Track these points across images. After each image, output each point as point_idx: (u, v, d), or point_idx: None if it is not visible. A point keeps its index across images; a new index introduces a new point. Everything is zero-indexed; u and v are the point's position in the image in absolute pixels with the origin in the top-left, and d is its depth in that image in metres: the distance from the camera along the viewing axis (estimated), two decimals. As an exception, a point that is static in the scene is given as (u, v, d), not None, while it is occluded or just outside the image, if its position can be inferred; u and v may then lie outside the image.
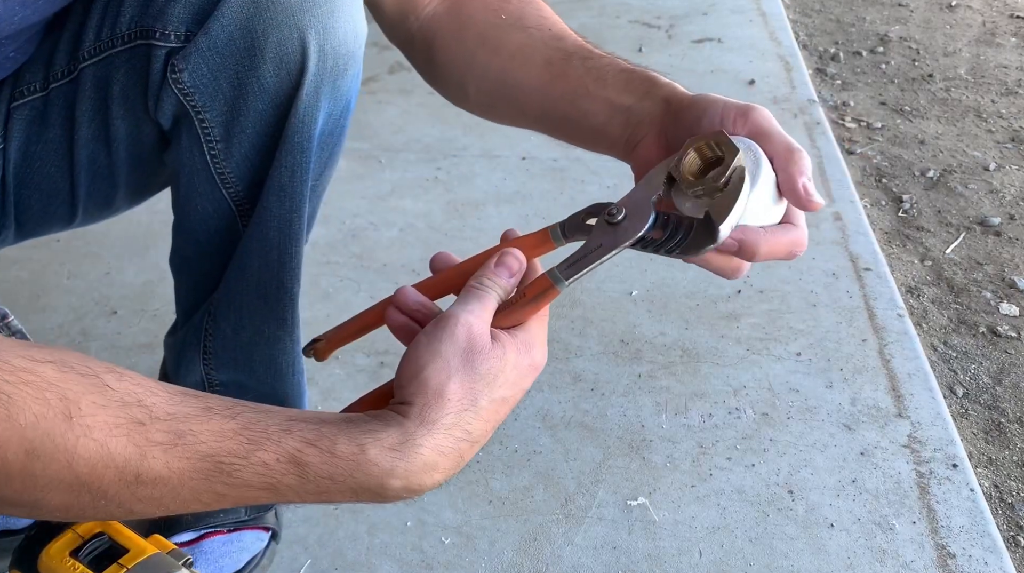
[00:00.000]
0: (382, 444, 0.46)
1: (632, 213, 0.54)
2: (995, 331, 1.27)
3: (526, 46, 0.65)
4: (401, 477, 0.46)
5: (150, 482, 0.45)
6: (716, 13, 2.21)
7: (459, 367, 0.48)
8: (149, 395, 0.45)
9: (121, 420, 0.44)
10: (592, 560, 0.90)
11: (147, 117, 0.71)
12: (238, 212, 0.74)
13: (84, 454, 0.43)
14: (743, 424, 1.05)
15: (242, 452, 0.45)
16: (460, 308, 0.50)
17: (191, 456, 0.45)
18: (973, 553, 0.90)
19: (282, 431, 0.46)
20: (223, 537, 0.87)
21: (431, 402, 0.47)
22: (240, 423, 0.46)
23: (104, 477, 0.44)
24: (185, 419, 0.45)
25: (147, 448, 0.44)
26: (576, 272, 0.53)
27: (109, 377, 0.45)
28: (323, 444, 0.46)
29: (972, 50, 2.14)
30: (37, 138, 0.73)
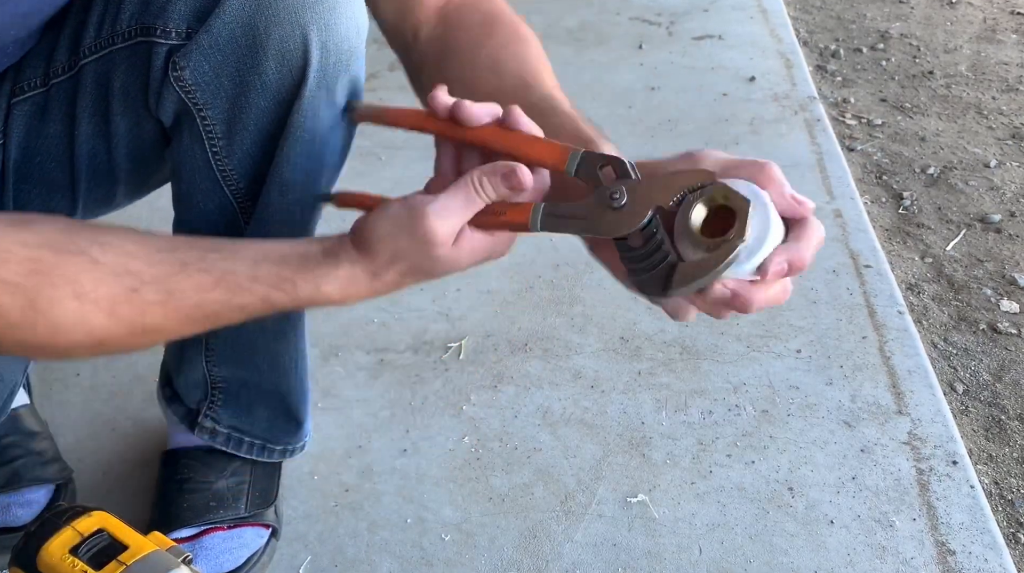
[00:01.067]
0: (332, 283, 0.58)
1: (629, 209, 0.54)
2: (995, 328, 1.27)
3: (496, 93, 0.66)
4: (345, 300, 0.59)
5: (153, 330, 0.57)
6: (717, 10, 2.21)
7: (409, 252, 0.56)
8: (132, 261, 0.55)
9: (118, 290, 0.55)
10: (592, 557, 0.90)
11: (147, 114, 0.71)
12: (239, 209, 0.74)
13: (98, 324, 0.55)
14: (743, 421, 1.05)
15: (223, 299, 0.57)
16: (438, 211, 0.55)
17: (182, 307, 0.56)
18: (973, 550, 0.90)
19: (251, 279, 0.57)
20: (223, 533, 0.88)
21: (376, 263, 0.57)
22: (215, 276, 0.57)
23: (117, 334, 0.56)
24: (169, 278, 0.56)
25: (145, 307, 0.55)
26: (554, 227, 0.55)
27: (95, 251, 0.54)
28: (286, 286, 0.58)
29: (973, 47, 2.14)
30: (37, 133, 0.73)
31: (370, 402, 1.08)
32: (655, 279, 0.53)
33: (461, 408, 1.07)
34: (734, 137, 1.65)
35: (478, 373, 1.12)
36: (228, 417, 0.88)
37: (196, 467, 0.89)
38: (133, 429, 1.05)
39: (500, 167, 0.55)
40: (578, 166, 0.56)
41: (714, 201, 0.53)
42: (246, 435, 0.89)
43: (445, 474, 0.99)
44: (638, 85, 1.85)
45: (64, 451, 0.97)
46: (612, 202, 0.54)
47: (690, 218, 0.52)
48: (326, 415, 1.06)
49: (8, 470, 0.91)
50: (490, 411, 1.07)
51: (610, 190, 0.54)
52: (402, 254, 0.56)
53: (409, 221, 0.55)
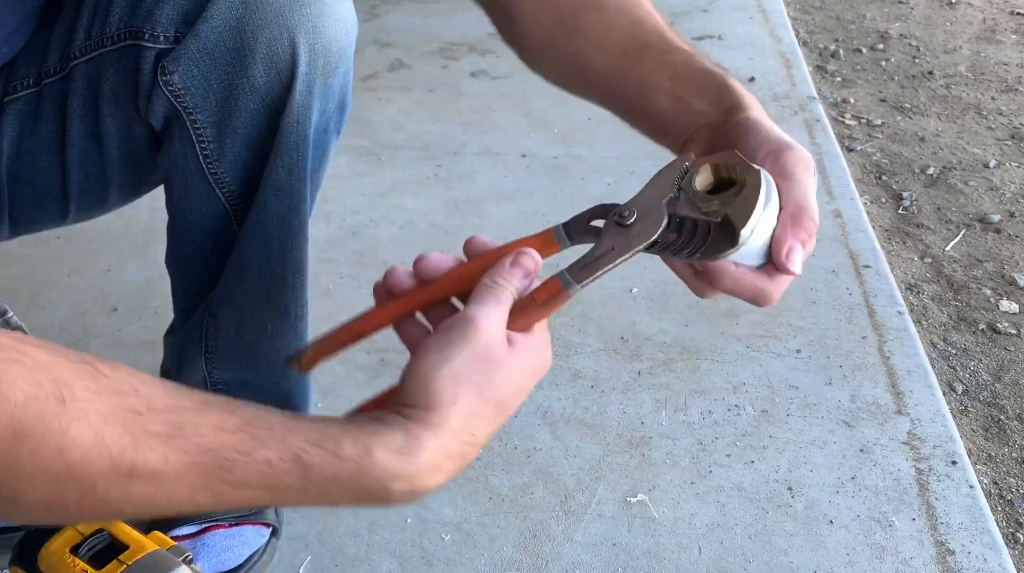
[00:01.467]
0: (387, 446, 0.44)
1: (644, 215, 0.52)
2: (995, 328, 1.27)
3: (603, 29, 0.63)
4: (405, 479, 0.45)
5: (145, 476, 0.42)
6: (716, 10, 2.21)
7: (471, 373, 0.46)
8: (144, 385, 0.43)
9: (116, 407, 0.41)
10: (592, 557, 0.90)
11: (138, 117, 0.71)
12: (232, 211, 0.74)
13: (77, 440, 0.40)
14: (743, 421, 1.05)
15: (245, 448, 0.43)
16: (477, 309, 0.47)
17: (190, 449, 0.42)
18: (972, 550, 0.90)
19: (286, 429, 0.44)
20: (224, 531, 0.88)
21: (440, 406, 0.45)
22: (242, 418, 0.44)
23: (96, 467, 0.41)
24: (184, 411, 0.43)
25: (144, 438, 0.42)
26: (588, 276, 0.51)
27: (101, 365, 0.43)
28: (328, 445, 0.44)
29: (972, 47, 2.14)
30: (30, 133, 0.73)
31: (370, 402, 1.08)
32: (717, 241, 0.51)
33: (461, 408, 1.08)
34: (734, 137, 1.65)
35: (478, 373, 1.12)
36: None
37: None
38: (133, 429, 1.05)
39: (505, 261, 0.50)
40: (568, 236, 0.54)
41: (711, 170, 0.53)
42: None
43: (445, 474, 0.99)
44: (638, 85, 1.85)
45: (65, 451, 0.97)
46: (624, 221, 0.52)
47: (695, 186, 0.52)
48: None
49: (9, 470, 0.90)
50: (490, 411, 1.07)
51: (615, 215, 0.53)
52: (463, 378, 0.46)
53: (455, 334, 0.46)
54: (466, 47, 1.99)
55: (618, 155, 1.58)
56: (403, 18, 2.19)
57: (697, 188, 0.53)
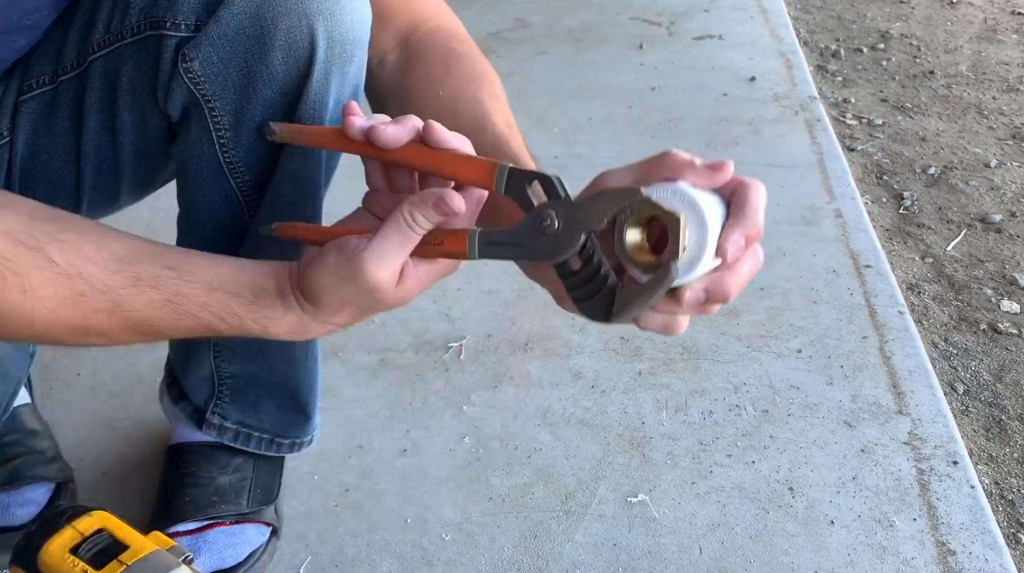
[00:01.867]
0: (281, 326, 0.59)
1: (561, 233, 0.52)
2: (996, 328, 1.27)
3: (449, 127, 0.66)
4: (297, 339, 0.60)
5: (97, 333, 0.57)
6: (717, 10, 2.21)
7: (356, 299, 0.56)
8: (87, 265, 0.55)
9: (66, 292, 0.55)
10: (592, 557, 0.90)
11: (154, 108, 0.71)
12: (245, 202, 0.74)
13: (39, 319, 0.55)
14: (743, 421, 1.05)
15: (169, 320, 0.58)
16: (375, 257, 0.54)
17: (127, 320, 0.57)
18: (973, 550, 0.90)
19: (200, 306, 0.58)
20: (226, 529, 0.88)
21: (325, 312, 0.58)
22: (165, 295, 0.57)
23: (58, 332, 0.57)
24: (120, 289, 0.56)
25: (90, 313, 0.56)
26: (493, 254, 0.54)
27: (52, 248, 0.54)
28: (233, 321, 0.58)
29: (973, 47, 2.14)
30: (45, 131, 0.73)
31: (370, 402, 1.08)
32: (598, 305, 0.52)
33: (462, 408, 1.07)
34: (734, 137, 1.65)
35: (478, 373, 1.12)
36: (236, 413, 0.88)
37: (199, 462, 0.89)
38: (134, 429, 1.05)
39: (429, 195, 0.54)
40: (507, 183, 0.54)
41: (645, 216, 0.52)
42: (254, 430, 0.89)
43: (445, 474, 0.99)
44: (639, 85, 1.85)
45: (64, 451, 0.97)
46: (544, 227, 0.52)
47: (625, 242, 0.51)
48: (327, 415, 1.06)
49: (9, 468, 0.91)
50: (490, 411, 1.07)
51: (540, 215, 0.52)
52: (348, 301, 0.56)
53: (349, 271, 0.55)
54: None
55: (618, 155, 1.58)
56: (403, 18, 2.18)
57: (627, 241, 0.51)
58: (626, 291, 0.51)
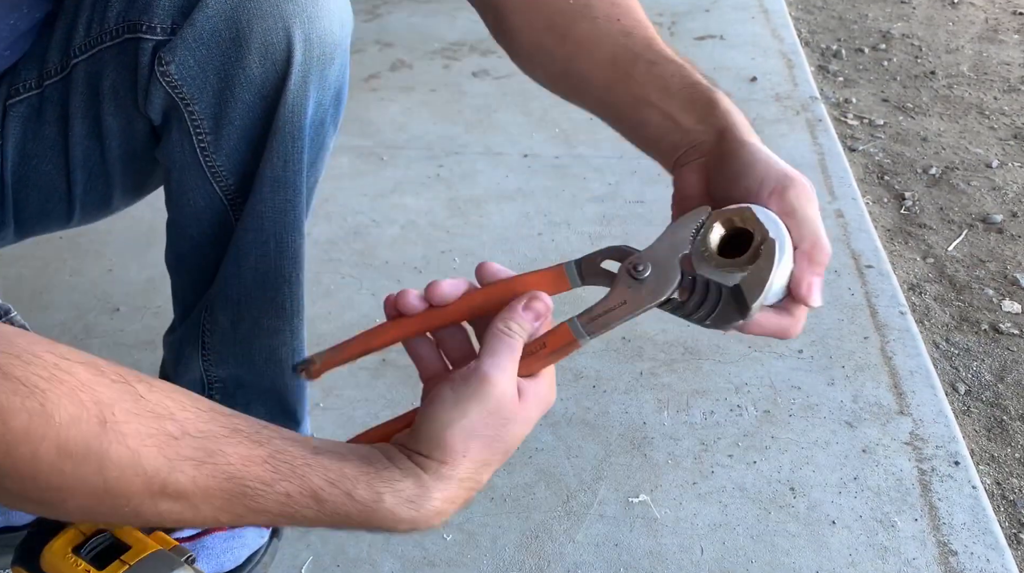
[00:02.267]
0: (399, 495, 0.48)
1: (657, 270, 0.53)
2: (997, 328, 1.27)
3: (592, 38, 0.63)
4: (411, 522, 0.49)
5: (174, 495, 0.46)
6: (718, 10, 2.21)
7: (483, 429, 0.49)
8: (180, 409, 0.46)
9: (153, 430, 0.45)
10: (594, 557, 0.90)
11: (138, 112, 0.71)
12: (230, 205, 0.74)
13: (115, 459, 0.44)
14: (745, 421, 1.05)
15: (268, 480, 0.47)
16: (492, 365, 0.49)
17: (218, 475, 0.46)
18: (975, 550, 0.90)
19: (305, 465, 0.47)
20: (224, 533, 0.88)
21: (451, 460, 0.49)
22: (267, 451, 0.47)
23: (131, 485, 0.44)
24: (215, 438, 0.46)
25: (177, 462, 0.45)
26: (599, 329, 0.52)
27: (140, 386, 0.45)
28: (343, 485, 0.48)
29: (974, 47, 2.14)
30: (33, 135, 0.73)
31: (372, 402, 1.08)
32: (727, 310, 0.52)
33: (463, 408, 1.07)
34: (736, 137, 1.65)
35: (480, 373, 1.12)
36: None
37: None
38: (135, 429, 1.05)
39: (517, 304, 0.52)
40: (580, 276, 0.54)
41: (725, 224, 0.53)
42: None
43: (447, 474, 0.99)
44: (640, 85, 1.85)
45: (66, 451, 0.97)
46: (637, 274, 0.53)
47: (708, 245, 0.52)
48: (328, 414, 1.06)
49: (11, 469, 0.90)
50: (492, 411, 1.07)
51: (631, 266, 0.53)
52: (475, 434, 0.49)
53: (470, 388, 0.49)
54: (468, 47, 1.99)
55: (620, 155, 1.58)
56: (405, 18, 2.19)
57: (712, 246, 0.53)
58: (748, 278, 0.51)
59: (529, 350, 0.52)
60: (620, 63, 0.62)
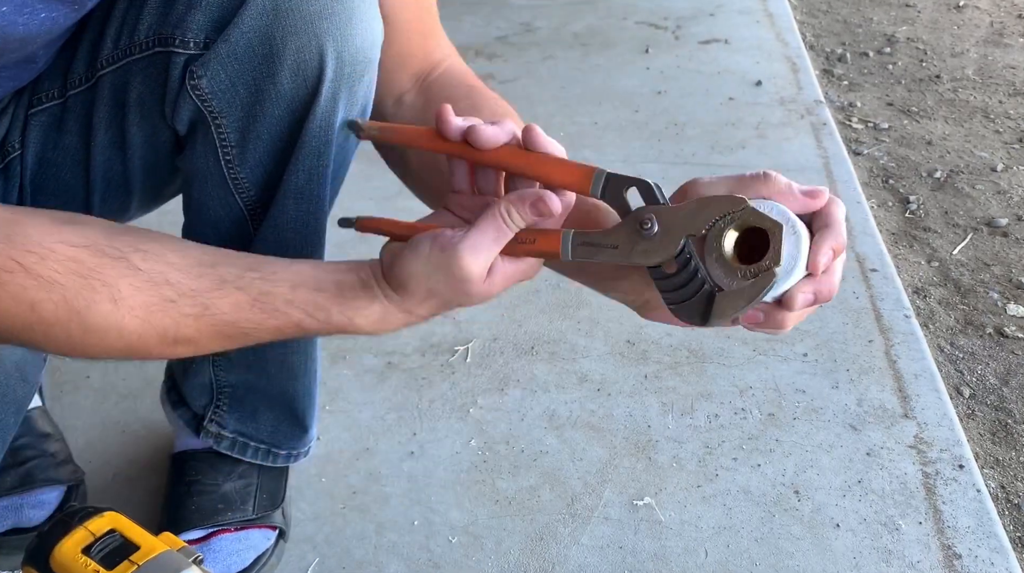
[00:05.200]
0: (367, 317, 0.59)
1: (661, 236, 0.53)
2: (1002, 332, 1.27)
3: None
4: (377, 331, 0.60)
5: (184, 341, 0.57)
6: (723, 14, 2.21)
7: (444, 290, 0.57)
8: (173, 272, 0.56)
9: (155, 298, 0.55)
10: (598, 560, 0.90)
11: (163, 123, 0.71)
12: (249, 216, 0.75)
13: (132, 328, 0.55)
14: (749, 424, 1.06)
15: (257, 319, 0.58)
16: (470, 248, 0.54)
17: (216, 323, 0.57)
18: (980, 554, 0.90)
19: (287, 302, 0.58)
20: (231, 536, 0.88)
21: (410, 301, 0.58)
22: (251, 295, 0.57)
23: (149, 342, 0.57)
24: (206, 292, 0.57)
25: (180, 319, 0.56)
26: (585, 255, 0.54)
27: (136, 257, 0.55)
28: (320, 315, 0.58)
29: (980, 50, 2.14)
30: (54, 145, 0.74)
31: (377, 405, 1.09)
32: (693, 308, 0.52)
33: (468, 411, 1.08)
34: (740, 141, 1.66)
35: (485, 376, 1.13)
36: (233, 422, 0.88)
37: (204, 469, 0.90)
38: (143, 432, 1.05)
39: (528, 195, 0.55)
40: (603, 188, 0.55)
41: (745, 225, 0.53)
42: (251, 440, 0.89)
43: (452, 477, 0.99)
44: (644, 89, 1.85)
45: (74, 453, 0.98)
46: (643, 230, 0.53)
47: (723, 245, 0.52)
48: (333, 418, 1.07)
49: (22, 471, 0.91)
50: (497, 414, 1.07)
51: (640, 218, 0.53)
52: (437, 291, 0.57)
53: (443, 261, 0.55)
54: (473, 51, 2.00)
55: (624, 159, 1.58)
56: (410, 23, 2.19)
57: (724, 242, 0.52)
58: (727, 295, 0.51)
59: (519, 238, 0.55)
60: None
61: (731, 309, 0.52)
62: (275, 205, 0.73)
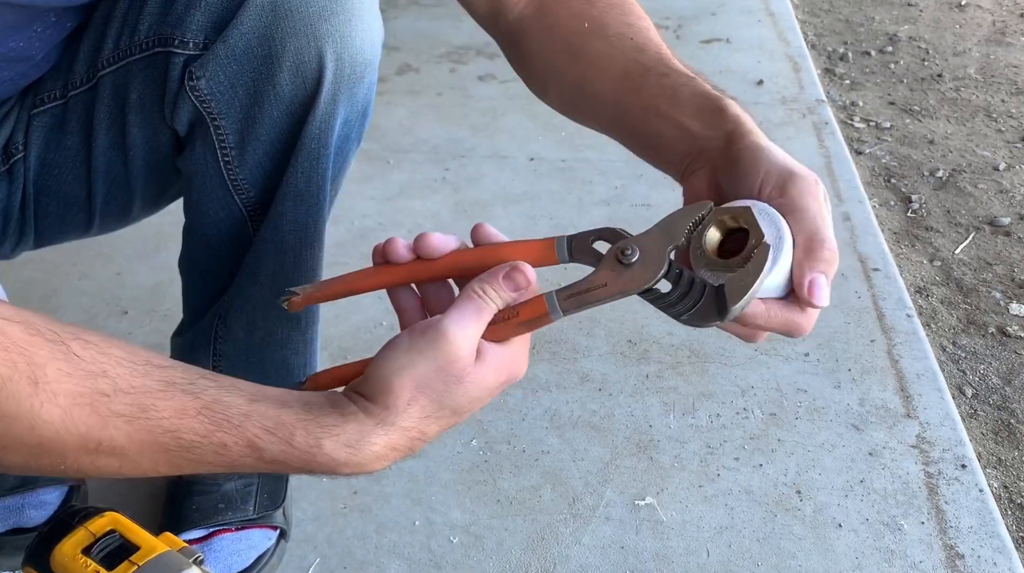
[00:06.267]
0: (338, 440, 0.48)
1: (645, 257, 0.51)
2: (1005, 331, 1.27)
3: (605, 55, 0.63)
4: (352, 466, 0.49)
5: (110, 451, 0.47)
6: (725, 13, 2.21)
7: (433, 382, 0.48)
8: (114, 365, 0.47)
9: (85, 389, 0.45)
10: (600, 560, 0.90)
11: (163, 124, 0.71)
12: (249, 217, 0.75)
13: (48, 419, 0.45)
14: (751, 424, 1.05)
15: (202, 431, 0.47)
16: (454, 321, 0.48)
17: (152, 429, 0.47)
18: (982, 554, 0.90)
19: (242, 415, 0.48)
20: (231, 535, 0.88)
21: (395, 407, 0.48)
22: (203, 402, 0.48)
23: (66, 443, 0.46)
24: (148, 393, 0.47)
25: (110, 418, 0.46)
26: (575, 306, 0.51)
27: (75, 344, 0.46)
28: (281, 433, 0.48)
29: (982, 49, 2.13)
30: (56, 146, 0.74)
31: (379, 405, 1.09)
32: (707, 308, 0.51)
33: (469, 411, 1.08)
34: (742, 140, 1.65)
35: (486, 376, 1.13)
36: None
37: None
38: (144, 431, 1.05)
39: (498, 270, 0.51)
40: (569, 250, 0.53)
41: (722, 226, 0.52)
42: None
43: (453, 477, 0.99)
44: (646, 89, 1.85)
45: (76, 453, 0.98)
46: (624, 259, 0.52)
47: (707, 247, 0.52)
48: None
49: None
50: (498, 414, 1.07)
51: (618, 251, 0.52)
52: (423, 385, 0.48)
53: (427, 342, 0.48)
54: (474, 51, 2.00)
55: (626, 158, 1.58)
56: (411, 22, 2.19)
57: (706, 245, 0.52)
58: (734, 279, 0.50)
59: (501, 317, 0.51)
60: (631, 77, 0.62)
61: (744, 290, 0.50)
62: (274, 206, 0.73)
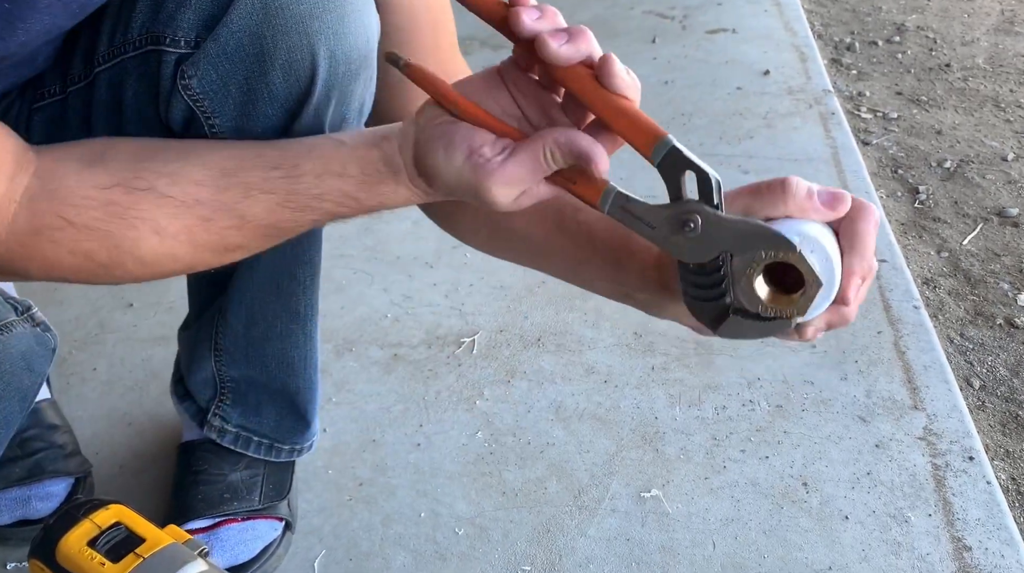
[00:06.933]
0: (394, 200, 0.59)
1: (701, 239, 0.51)
2: (1012, 323, 1.26)
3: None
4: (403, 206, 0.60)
5: (237, 247, 0.60)
6: (730, 3, 2.20)
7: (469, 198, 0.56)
8: (199, 190, 0.57)
9: (193, 220, 0.57)
10: (605, 552, 0.90)
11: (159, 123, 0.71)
12: None
13: (182, 252, 0.59)
14: (757, 416, 1.05)
15: (293, 218, 0.59)
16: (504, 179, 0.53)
17: (258, 227, 0.59)
18: (990, 546, 0.89)
19: (315, 198, 0.58)
20: (238, 525, 0.88)
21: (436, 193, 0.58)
22: (280, 196, 0.58)
23: (205, 257, 0.60)
24: (237, 203, 0.58)
25: (222, 232, 0.59)
26: (622, 219, 0.52)
27: (162, 184, 0.57)
28: (350, 203, 0.59)
29: (990, 39, 2.12)
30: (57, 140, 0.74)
31: (384, 396, 1.09)
32: (707, 311, 0.52)
33: (474, 403, 1.08)
34: (748, 131, 1.65)
35: (491, 368, 1.13)
36: (237, 416, 0.89)
37: (210, 459, 0.90)
38: (149, 424, 1.05)
39: (579, 147, 0.52)
40: (663, 159, 0.52)
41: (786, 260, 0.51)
42: (254, 434, 0.89)
43: (458, 468, 0.99)
44: (652, 79, 1.84)
45: (81, 445, 0.98)
46: (685, 228, 0.51)
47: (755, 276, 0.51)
48: (340, 409, 1.07)
49: (30, 462, 0.92)
50: (503, 406, 1.07)
51: (686, 216, 0.51)
52: (461, 195, 0.57)
53: (473, 182, 0.54)
54: (478, 42, 1.99)
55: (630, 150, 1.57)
56: (416, 13, 2.18)
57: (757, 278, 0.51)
58: (737, 318, 0.51)
59: (561, 173, 0.53)
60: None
61: (739, 334, 0.51)
62: None
